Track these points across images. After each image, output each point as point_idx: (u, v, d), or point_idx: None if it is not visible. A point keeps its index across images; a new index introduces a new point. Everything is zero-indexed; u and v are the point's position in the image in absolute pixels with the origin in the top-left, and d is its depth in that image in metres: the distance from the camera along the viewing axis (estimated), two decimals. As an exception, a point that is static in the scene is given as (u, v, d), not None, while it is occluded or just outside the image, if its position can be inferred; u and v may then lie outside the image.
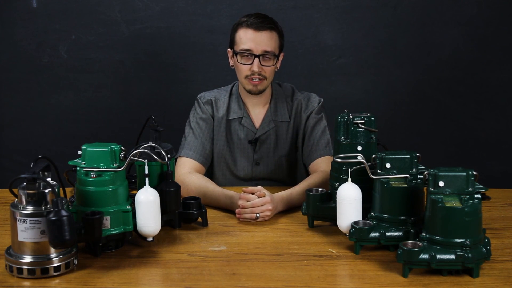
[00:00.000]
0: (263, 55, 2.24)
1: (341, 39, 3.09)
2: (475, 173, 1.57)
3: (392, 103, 3.14)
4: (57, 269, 1.55)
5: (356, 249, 1.70)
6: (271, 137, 2.38)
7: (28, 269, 1.54)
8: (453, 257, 1.52)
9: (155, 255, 1.70)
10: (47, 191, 1.54)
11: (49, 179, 1.58)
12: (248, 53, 2.24)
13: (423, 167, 1.74)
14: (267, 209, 1.95)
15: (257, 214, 1.94)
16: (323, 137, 2.34)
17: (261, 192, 1.97)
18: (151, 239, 1.73)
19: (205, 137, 2.36)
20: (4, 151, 3.17)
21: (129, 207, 1.69)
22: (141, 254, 1.72)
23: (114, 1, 3.03)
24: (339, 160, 1.79)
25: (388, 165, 1.70)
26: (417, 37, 3.09)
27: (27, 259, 1.54)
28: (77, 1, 3.03)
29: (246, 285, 1.52)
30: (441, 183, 1.56)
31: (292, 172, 2.43)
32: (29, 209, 1.53)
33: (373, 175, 1.72)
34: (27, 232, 1.53)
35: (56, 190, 1.52)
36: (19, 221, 1.53)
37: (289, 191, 2.09)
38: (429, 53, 3.10)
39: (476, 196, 1.55)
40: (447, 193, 1.56)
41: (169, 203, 1.76)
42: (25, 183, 1.54)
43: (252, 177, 2.41)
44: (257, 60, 2.23)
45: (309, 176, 2.24)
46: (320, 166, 2.27)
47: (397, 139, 3.05)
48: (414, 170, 1.71)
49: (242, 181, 2.41)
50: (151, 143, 1.81)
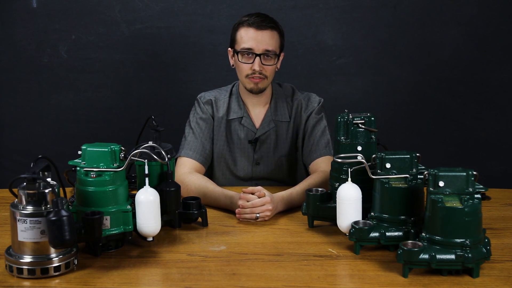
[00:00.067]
0: (264, 54, 2.24)
1: (341, 39, 3.09)
2: (475, 173, 1.57)
3: (392, 103, 3.14)
4: (57, 269, 1.55)
5: (356, 249, 1.70)
6: (271, 137, 2.38)
7: (28, 269, 1.54)
8: (453, 257, 1.52)
9: (155, 255, 1.70)
10: (47, 191, 1.54)
11: (49, 179, 1.58)
12: (249, 52, 2.24)
13: (423, 167, 1.74)
14: (267, 209, 1.95)
15: (257, 214, 1.94)
16: (323, 137, 2.34)
17: (261, 192, 1.97)
18: (151, 239, 1.73)
19: (205, 137, 2.35)
20: (4, 151, 3.17)
21: (129, 207, 1.69)
22: (141, 254, 1.72)
23: (114, 1, 3.03)
24: (339, 160, 1.79)
25: (388, 165, 1.70)
26: (417, 37, 3.08)
27: (27, 259, 1.54)
28: (77, 1, 3.03)
29: (246, 285, 1.52)
30: (441, 183, 1.56)
31: (292, 172, 2.43)
32: (29, 209, 1.53)
33: (373, 175, 1.72)
34: (27, 232, 1.53)
35: (56, 190, 1.52)
36: (19, 221, 1.53)
37: (289, 191, 2.08)
38: (429, 53, 3.10)
39: (476, 196, 1.55)
40: (447, 193, 1.56)
41: (169, 203, 1.76)
42: (25, 183, 1.54)
43: (252, 177, 2.41)
44: (258, 59, 2.23)
45: (309, 176, 2.24)
46: (320, 166, 2.27)
47: (397, 139, 3.05)
48: (414, 170, 1.71)
49: (242, 181, 2.41)
50: (151, 143, 1.80)
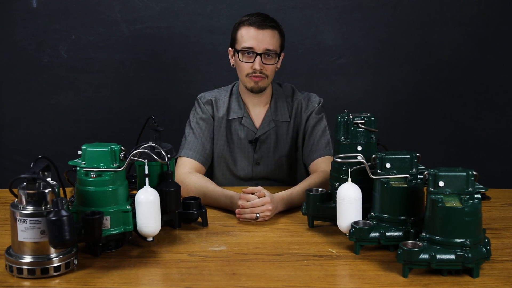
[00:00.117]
0: (265, 53, 2.24)
1: (341, 39, 3.09)
2: (475, 173, 1.57)
3: (392, 103, 3.14)
4: (57, 269, 1.55)
5: (356, 249, 1.70)
6: (271, 137, 2.38)
7: (28, 269, 1.54)
8: (453, 257, 1.52)
9: (155, 255, 1.70)
10: (47, 191, 1.54)
11: (49, 179, 1.58)
12: (250, 51, 2.24)
13: (423, 167, 1.74)
14: (267, 209, 1.95)
15: (257, 214, 1.94)
16: (323, 137, 2.34)
17: (261, 192, 1.96)
18: (151, 239, 1.73)
19: (205, 137, 2.35)
20: (4, 151, 3.17)
21: (129, 207, 1.69)
22: (141, 254, 1.72)
23: (114, 1, 3.03)
24: (339, 160, 1.79)
25: (388, 165, 1.70)
26: (417, 37, 3.08)
27: (27, 259, 1.54)
28: (77, 1, 3.03)
29: (246, 285, 1.52)
30: (441, 183, 1.56)
31: (292, 172, 2.43)
32: (29, 209, 1.53)
33: (373, 175, 1.72)
34: (27, 232, 1.53)
35: (56, 190, 1.52)
36: (19, 221, 1.53)
37: (289, 191, 2.08)
38: (429, 53, 3.10)
39: (476, 196, 1.55)
40: (447, 193, 1.56)
41: (169, 203, 1.76)
42: (25, 183, 1.54)
43: (252, 177, 2.41)
44: (258, 58, 2.23)
45: (309, 176, 2.24)
46: (320, 166, 2.27)
47: (397, 139, 3.05)
48: (414, 170, 1.71)
49: (242, 181, 2.41)
50: (151, 143, 1.80)
